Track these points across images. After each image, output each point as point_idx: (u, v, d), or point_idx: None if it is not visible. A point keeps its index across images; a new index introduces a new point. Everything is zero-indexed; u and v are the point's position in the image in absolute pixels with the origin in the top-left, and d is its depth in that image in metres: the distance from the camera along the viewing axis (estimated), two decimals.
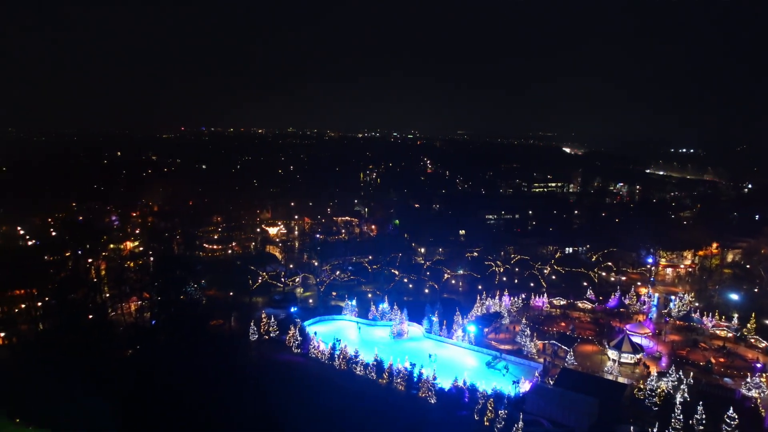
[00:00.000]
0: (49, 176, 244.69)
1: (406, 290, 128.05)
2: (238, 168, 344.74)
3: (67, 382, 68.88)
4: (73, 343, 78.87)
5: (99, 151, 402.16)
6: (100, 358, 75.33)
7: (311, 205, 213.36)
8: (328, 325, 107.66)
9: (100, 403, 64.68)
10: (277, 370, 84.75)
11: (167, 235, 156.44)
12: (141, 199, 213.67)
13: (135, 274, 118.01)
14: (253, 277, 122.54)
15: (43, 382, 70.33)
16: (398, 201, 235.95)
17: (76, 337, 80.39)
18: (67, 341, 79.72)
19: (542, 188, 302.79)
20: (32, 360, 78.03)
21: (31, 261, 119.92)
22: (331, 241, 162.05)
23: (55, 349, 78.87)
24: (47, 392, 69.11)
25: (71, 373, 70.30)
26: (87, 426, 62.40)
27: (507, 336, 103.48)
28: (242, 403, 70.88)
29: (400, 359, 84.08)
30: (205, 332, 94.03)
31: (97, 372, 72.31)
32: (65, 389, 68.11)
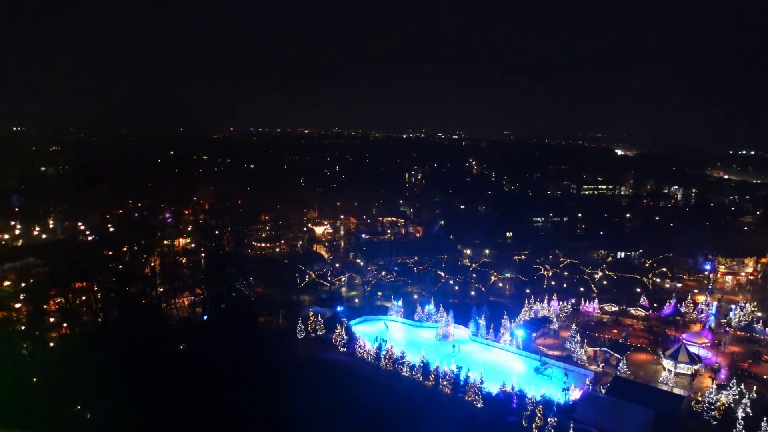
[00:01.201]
0: (107, 175, 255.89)
1: (452, 292, 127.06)
2: (285, 168, 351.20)
3: (123, 374, 71.57)
4: (130, 336, 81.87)
5: (153, 150, 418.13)
6: (155, 351, 77.77)
7: (356, 205, 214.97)
8: (373, 325, 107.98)
9: (154, 394, 66.86)
10: (324, 369, 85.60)
11: (218, 232, 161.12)
12: (193, 198, 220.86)
13: (187, 270, 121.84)
14: (301, 275, 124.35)
15: (102, 373, 73.33)
16: (443, 202, 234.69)
17: (133, 330, 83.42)
18: (125, 334, 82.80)
19: (592, 190, 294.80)
20: (93, 351, 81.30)
21: (91, 255, 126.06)
22: (377, 242, 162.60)
23: (113, 340, 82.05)
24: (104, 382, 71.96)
25: (128, 365, 73.02)
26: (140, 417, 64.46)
27: (556, 341, 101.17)
28: (291, 399, 71.75)
29: (447, 361, 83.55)
30: (255, 328, 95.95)
31: (153, 364, 74.71)
32: (121, 380, 70.78)
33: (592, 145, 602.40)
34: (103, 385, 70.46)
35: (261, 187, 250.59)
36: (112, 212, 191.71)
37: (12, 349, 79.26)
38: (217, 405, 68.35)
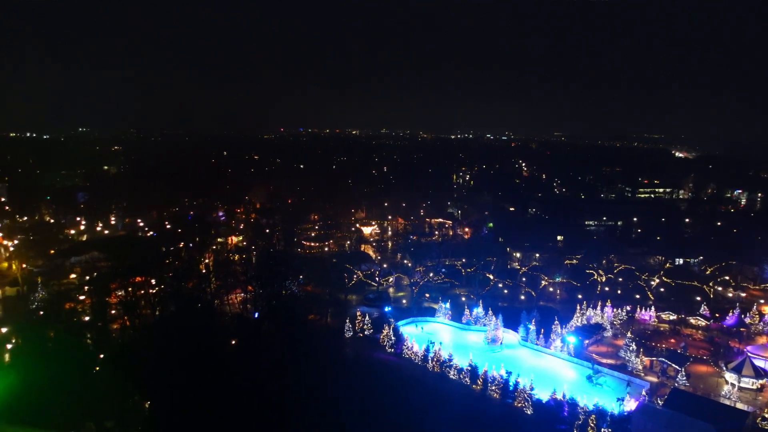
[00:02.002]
0: (164, 174, 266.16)
1: (500, 295, 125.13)
2: (334, 168, 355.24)
3: (179, 366, 74.08)
4: (185, 330, 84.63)
5: (207, 150, 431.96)
6: (209, 345, 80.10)
7: (404, 205, 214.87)
8: (420, 326, 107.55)
9: (206, 387, 68.84)
10: (372, 368, 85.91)
11: (268, 231, 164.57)
12: (245, 197, 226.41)
13: (240, 268, 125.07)
14: (349, 275, 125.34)
15: (159, 364, 76.15)
16: (492, 204, 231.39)
17: (189, 325, 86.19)
18: (181, 328, 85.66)
19: (648, 194, 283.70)
20: (151, 343, 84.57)
21: (150, 251, 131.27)
22: (425, 243, 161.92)
23: (170, 334, 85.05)
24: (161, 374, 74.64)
25: (183, 358, 75.52)
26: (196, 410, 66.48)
27: (609, 349, 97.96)
28: (339, 397, 72.40)
29: (495, 366, 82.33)
30: (304, 326, 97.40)
31: (206, 358, 76.97)
32: (177, 373, 73.26)
33: (647, 146, 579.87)
34: (159, 376, 73.27)
35: (310, 187, 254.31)
36: (169, 210, 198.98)
37: (77, 339, 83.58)
38: (267, 400, 69.73)
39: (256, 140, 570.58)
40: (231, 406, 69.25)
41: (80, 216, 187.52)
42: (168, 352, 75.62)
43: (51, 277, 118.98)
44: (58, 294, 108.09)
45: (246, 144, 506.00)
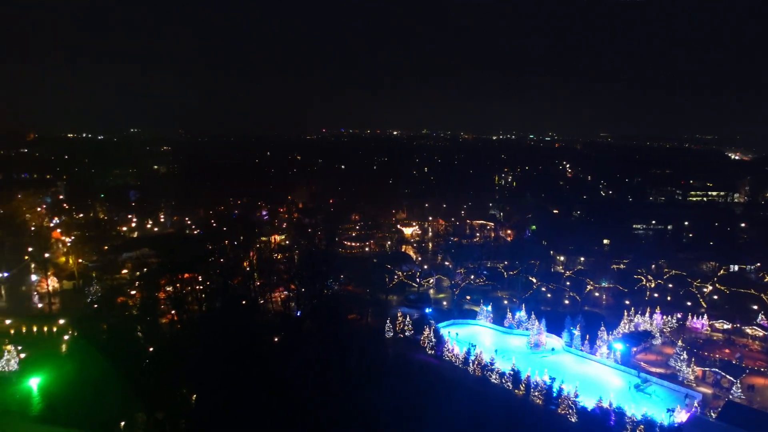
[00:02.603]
0: (210, 173, 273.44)
1: (544, 299, 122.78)
2: (375, 168, 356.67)
3: (224, 361, 75.89)
4: (231, 326, 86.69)
5: (251, 151, 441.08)
6: (253, 341, 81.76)
7: (445, 207, 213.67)
8: (461, 328, 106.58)
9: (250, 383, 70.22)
10: (412, 369, 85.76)
11: (310, 231, 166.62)
12: (287, 196, 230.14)
13: (282, 267, 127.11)
14: (389, 275, 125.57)
15: (205, 359, 78.22)
16: (535, 206, 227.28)
17: (234, 321, 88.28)
18: (226, 323, 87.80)
19: (701, 197, 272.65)
20: (198, 338, 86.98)
21: (197, 249, 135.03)
22: (466, 244, 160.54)
23: (216, 329, 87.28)
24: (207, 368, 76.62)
25: (229, 353, 77.33)
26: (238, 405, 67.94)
27: (658, 358, 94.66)
28: (379, 397, 72.60)
29: (538, 371, 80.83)
30: (345, 326, 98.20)
31: (250, 354, 78.56)
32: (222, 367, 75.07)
33: (699, 147, 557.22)
34: (205, 370, 75.26)
35: (351, 188, 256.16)
36: (215, 209, 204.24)
37: (129, 332, 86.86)
38: (308, 397, 70.59)
39: (298, 141, 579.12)
40: (273, 402, 70.46)
41: (132, 213, 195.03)
42: (214, 347, 77.57)
43: (105, 272, 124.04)
44: (111, 288, 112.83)
45: (288, 144, 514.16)
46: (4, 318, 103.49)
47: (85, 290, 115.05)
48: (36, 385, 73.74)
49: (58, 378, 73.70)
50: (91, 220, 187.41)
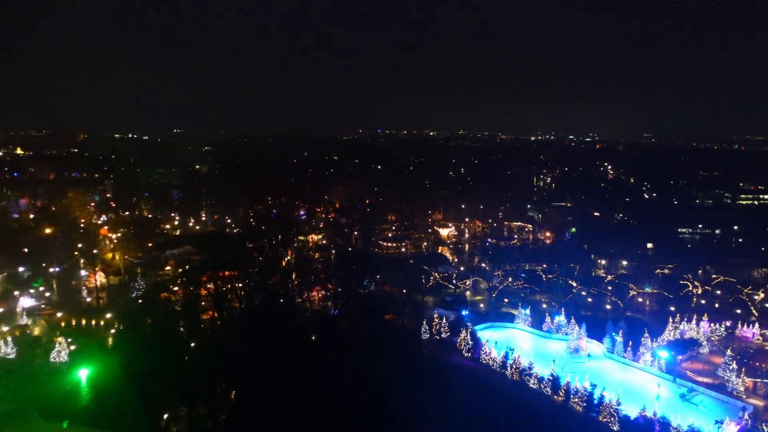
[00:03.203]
0: (249, 173, 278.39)
1: (584, 304, 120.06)
2: (411, 169, 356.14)
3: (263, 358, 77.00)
4: (269, 323, 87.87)
5: (289, 151, 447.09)
6: (291, 339, 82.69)
7: (482, 208, 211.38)
8: (498, 331, 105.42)
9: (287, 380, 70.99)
10: (449, 372, 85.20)
11: (347, 230, 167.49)
12: (324, 196, 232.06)
13: (320, 266, 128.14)
14: (426, 276, 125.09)
15: (244, 355, 79.54)
16: (575, 208, 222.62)
17: (273, 318, 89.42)
18: (265, 321, 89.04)
19: (752, 200, 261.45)
20: (237, 334, 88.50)
21: (237, 247, 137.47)
22: (503, 246, 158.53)
23: (255, 326, 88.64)
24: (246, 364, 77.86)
25: (267, 350, 78.42)
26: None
27: (705, 367, 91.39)
28: (414, 398, 72.37)
29: (579, 377, 79.08)
30: (382, 326, 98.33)
31: (289, 352, 79.46)
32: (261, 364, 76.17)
33: (750, 149, 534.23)
34: (244, 367, 76.53)
35: (388, 188, 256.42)
36: (254, 208, 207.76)
37: (171, 327, 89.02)
38: (344, 396, 70.92)
39: (335, 141, 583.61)
40: (308, 401, 71.07)
41: (174, 212, 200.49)
42: (253, 344, 78.78)
43: (149, 269, 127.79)
44: (155, 284, 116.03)
45: (326, 145, 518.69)
46: (56, 311, 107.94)
47: (130, 286, 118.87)
48: (84, 377, 76.50)
49: (105, 370, 76.19)
50: (136, 218, 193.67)
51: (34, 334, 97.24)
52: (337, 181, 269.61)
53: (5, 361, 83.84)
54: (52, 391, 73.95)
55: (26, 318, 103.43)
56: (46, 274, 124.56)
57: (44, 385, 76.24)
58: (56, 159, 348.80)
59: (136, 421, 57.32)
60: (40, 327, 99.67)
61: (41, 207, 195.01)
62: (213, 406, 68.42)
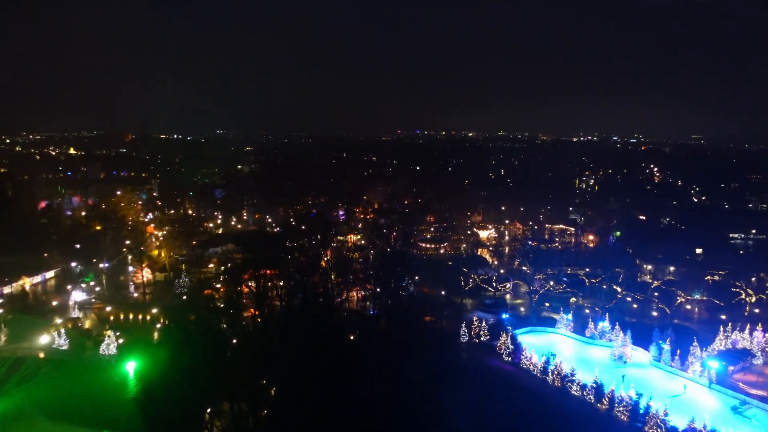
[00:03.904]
0: (289, 173, 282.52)
1: (629, 310, 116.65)
2: (450, 170, 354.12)
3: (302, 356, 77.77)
4: (309, 322, 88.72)
5: (328, 152, 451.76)
6: (331, 338, 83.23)
7: (522, 210, 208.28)
8: (539, 336, 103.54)
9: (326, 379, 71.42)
10: (488, 376, 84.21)
11: (385, 231, 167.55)
12: (363, 196, 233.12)
13: (358, 266, 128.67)
14: (465, 278, 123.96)
15: (284, 353, 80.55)
16: (620, 211, 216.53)
17: (313, 317, 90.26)
18: (305, 319, 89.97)
19: None
20: (277, 332, 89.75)
21: (277, 246, 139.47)
22: (545, 249, 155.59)
23: (295, 325, 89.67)
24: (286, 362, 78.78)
25: (307, 349, 79.18)
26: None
27: (760, 379, 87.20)
28: (453, 401, 71.77)
29: (624, 386, 76.77)
30: (420, 327, 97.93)
31: (328, 351, 80.00)
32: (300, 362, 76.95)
33: None
34: (285, 364, 77.44)
35: (426, 189, 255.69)
36: (294, 207, 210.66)
37: (214, 324, 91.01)
38: (382, 397, 70.87)
39: (374, 142, 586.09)
40: (348, 399, 71.35)
41: (217, 211, 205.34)
42: (293, 342, 79.69)
43: (193, 266, 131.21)
44: (198, 281, 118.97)
45: (364, 145, 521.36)
46: (105, 305, 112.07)
47: (175, 282, 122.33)
48: (132, 370, 79.03)
49: (151, 364, 78.46)
50: (181, 216, 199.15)
51: (84, 327, 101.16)
52: (375, 181, 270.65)
53: (59, 352, 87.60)
54: (102, 382, 76.88)
55: (78, 311, 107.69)
56: (96, 270, 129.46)
57: (95, 375, 79.34)
58: (106, 159, 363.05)
59: (182, 413, 58.79)
60: (91, 320, 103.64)
61: (92, 205, 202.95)
62: (254, 402, 69.45)
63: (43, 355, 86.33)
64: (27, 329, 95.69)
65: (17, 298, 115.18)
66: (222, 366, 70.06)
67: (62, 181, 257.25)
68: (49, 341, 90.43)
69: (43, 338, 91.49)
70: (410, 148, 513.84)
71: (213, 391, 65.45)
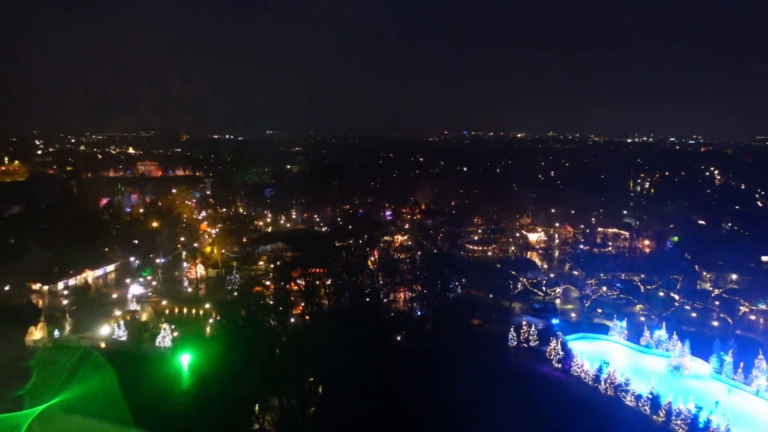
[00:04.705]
0: (337, 173, 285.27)
1: (687, 319, 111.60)
2: (498, 171, 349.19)
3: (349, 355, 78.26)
4: (356, 322, 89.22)
5: (375, 152, 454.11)
6: (378, 339, 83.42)
7: (573, 213, 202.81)
8: (591, 343, 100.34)
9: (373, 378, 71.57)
10: (538, 381, 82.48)
11: (432, 232, 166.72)
12: (410, 197, 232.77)
13: (405, 267, 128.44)
14: (513, 281, 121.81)
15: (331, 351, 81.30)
16: (677, 215, 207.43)
17: (359, 317, 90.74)
18: (352, 319, 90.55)
19: None
20: (325, 330, 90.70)
21: (325, 245, 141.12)
22: (597, 254, 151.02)
23: (342, 323, 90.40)
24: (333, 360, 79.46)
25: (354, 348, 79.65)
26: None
27: None
28: (502, 405, 70.57)
29: (682, 398, 73.47)
30: (468, 330, 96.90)
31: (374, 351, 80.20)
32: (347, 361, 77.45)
33: None
34: (333, 362, 78.13)
35: (473, 190, 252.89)
36: (341, 207, 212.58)
37: (264, 320, 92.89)
38: (428, 399, 70.44)
39: (420, 143, 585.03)
40: (395, 399, 71.27)
41: (267, 209, 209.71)
42: (341, 340, 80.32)
43: (243, 263, 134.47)
44: (249, 278, 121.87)
45: (411, 146, 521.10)
46: (161, 299, 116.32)
47: (226, 278, 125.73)
48: (186, 363, 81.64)
49: (203, 357, 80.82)
50: (233, 214, 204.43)
51: (142, 320, 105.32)
52: (422, 182, 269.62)
53: (118, 343, 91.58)
54: (158, 373, 79.79)
55: (135, 304, 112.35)
56: (153, 265, 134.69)
57: (152, 367, 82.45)
58: (162, 158, 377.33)
59: (234, 407, 60.28)
60: (148, 313, 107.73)
61: (150, 202, 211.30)
62: (302, 399, 70.37)
63: (104, 345, 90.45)
64: (89, 320, 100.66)
65: (81, 290, 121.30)
66: (272, 362, 71.42)
67: (122, 179, 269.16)
68: (110, 332, 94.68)
69: (104, 329, 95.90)
70: (457, 149, 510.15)
71: (264, 387, 66.73)
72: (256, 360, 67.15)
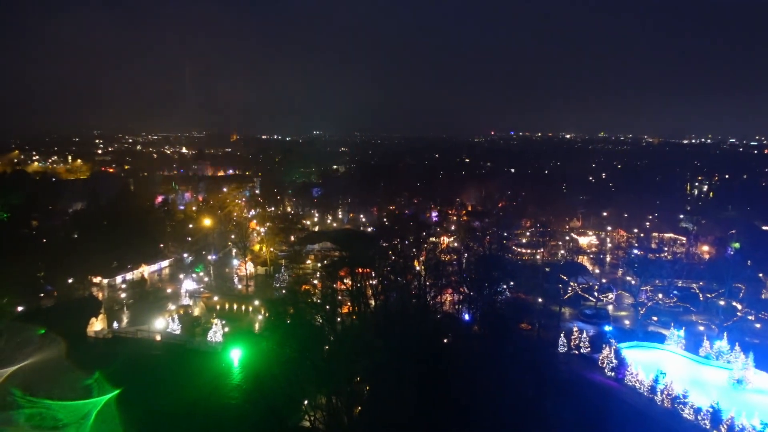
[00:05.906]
0: (383, 173, 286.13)
1: (751, 330, 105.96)
2: (546, 173, 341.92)
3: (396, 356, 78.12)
4: (403, 323, 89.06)
5: (421, 153, 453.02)
6: (426, 341, 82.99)
7: (626, 216, 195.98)
8: (645, 351, 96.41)
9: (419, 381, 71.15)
10: (590, 389, 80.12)
11: (479, 234, 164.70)
12: (456, 198, 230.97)
13: (451, 268, 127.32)
14: (564, 286, 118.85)
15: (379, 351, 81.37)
16: (739, 220, 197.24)
17: (407, 318, 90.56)
18: (399, 320, 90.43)
19: None
20: (371, 331, 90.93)
21: (372, 245, 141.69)
22: (652, 259, 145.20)
23: (389, 324, 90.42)
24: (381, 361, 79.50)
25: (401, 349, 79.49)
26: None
27: None
28: (556, 412, 68.85)
29: (746, 413, 69.72)
30: (516, 334, 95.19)
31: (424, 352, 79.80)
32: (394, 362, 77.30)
33: None
34: (381, 363, 78.20)
35: (522, 192, 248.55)
36: (387, 207, 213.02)
37: (311, 318, 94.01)
38: (477, 404, 69.44)
39: (467, 143, 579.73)
40: (443, 402, 70.64)
41: (314, 209, 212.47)
42: (388, 341, 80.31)
43: (292, 261, 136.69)
44: (297, 276, 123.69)
45: (457, 147, 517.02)
46: (212, 295, 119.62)
47: (274, 276, 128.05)
48: (237, 358, 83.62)
49: (253, 353, 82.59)
50: (281, 213, 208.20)
51: (194, 315, 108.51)
52: (469, 183, 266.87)
53: (172, 336, 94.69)
54: (211, 367, 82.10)
55: (188, 299, 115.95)
56: (205, 261, 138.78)
57: (204, 360, 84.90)
58: (214, 158, 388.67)
59: (283, 403, 61.21)
60: (200, 308, 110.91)
61: (202, 201, 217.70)
62: (350, 398, 70.69)
63: (159, 338, 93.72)
64: (145, 313, 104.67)
65: (137, 285, 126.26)
66: (322, 360, 72.08)
67: (176, 178, 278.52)
68: (164, 325, 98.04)
69: (159, 322, 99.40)
70: (504, 150, 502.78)
71: (314, 384, 67.44)
72: (307, 357, 67.94)
